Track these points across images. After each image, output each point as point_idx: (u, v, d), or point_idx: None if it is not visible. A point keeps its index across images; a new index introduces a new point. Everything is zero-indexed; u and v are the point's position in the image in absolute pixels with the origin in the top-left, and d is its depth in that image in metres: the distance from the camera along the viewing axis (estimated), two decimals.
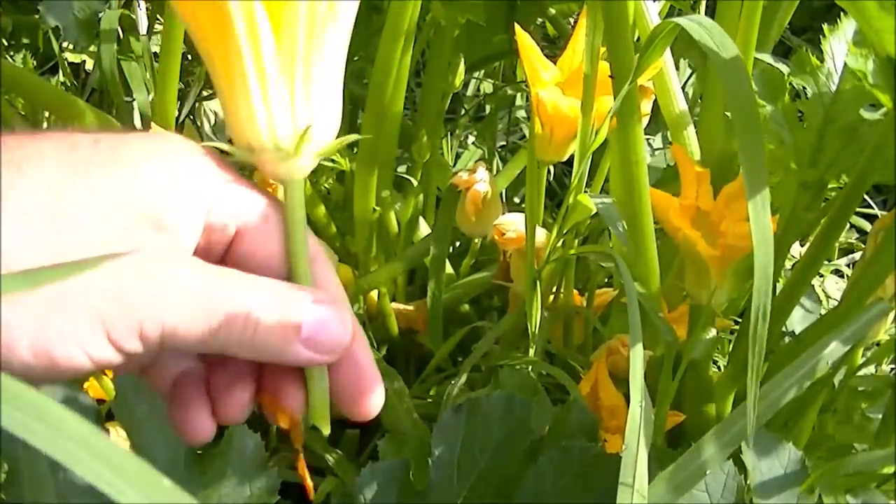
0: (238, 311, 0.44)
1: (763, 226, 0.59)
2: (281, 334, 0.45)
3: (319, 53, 0.45)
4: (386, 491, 0.71)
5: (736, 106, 0.63)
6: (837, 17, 0.78)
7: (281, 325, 0.45)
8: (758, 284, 0.58)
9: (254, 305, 0.44)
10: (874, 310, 0.71)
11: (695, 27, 0.65)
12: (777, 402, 0.65)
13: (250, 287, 0.45)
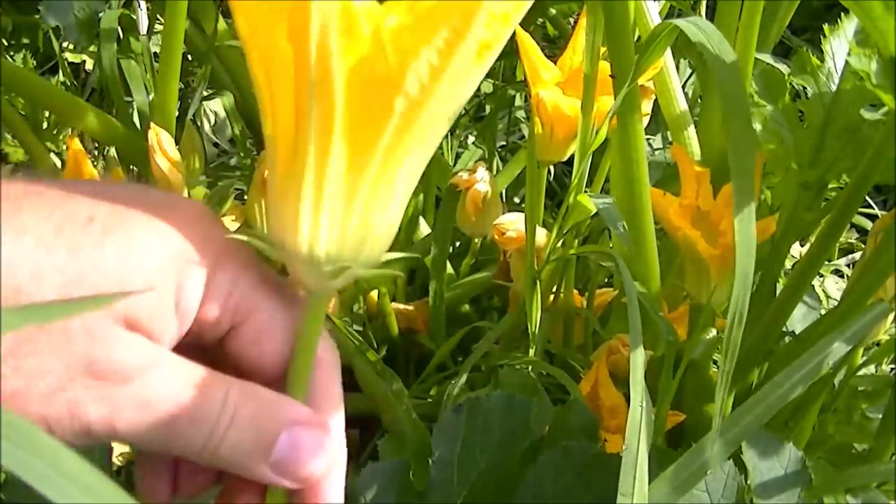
0: (204, 420, 0.41)
1: (747, 229, 0.59)
2: (248, 451, 0.42)
3: (391, 178, 0.40)
4: (386, 491, 0.71)
5: (730, 108, 0.63)
6: (837, 17, 0.78)
7: (251, 441, 0.42)
8: (737, 288, 0.59)
9: (223, 418, 0.41)
10: (874, 310, 0.71)
11: (692, 29, 0.65)
12: (777, 402, 0.65)
13: (221, 397, 0.42)
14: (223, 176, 1.30)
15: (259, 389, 0.43)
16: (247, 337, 0.44)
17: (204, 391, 0.41)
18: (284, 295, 0.45)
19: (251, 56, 0.40)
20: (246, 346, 0.44)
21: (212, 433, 0.41)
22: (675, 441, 0.86)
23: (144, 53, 1.25)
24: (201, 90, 1.21)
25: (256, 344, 0.44)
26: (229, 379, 0.43)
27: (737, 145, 0.62)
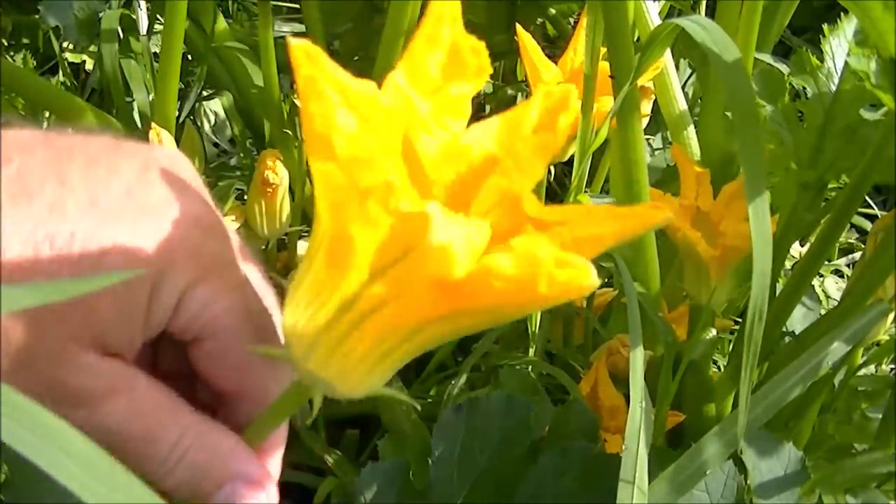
0: (150, 460, 0.42)
1: (763, 227, 0.59)
2: (189, 493, 0.43)
3: (396, 349, 0.41)
4: (386, 491, 0.71)
5: (736, 106, 0.63)
6: (837, 17, 0.78)
7: (193, 486, 0.43)
8: (756, 286, 0.59)
9: (170, 460, 0.42)
10: (874, 310, 0.71)
11: (695, 28, 0.65)
12: (777, 402, 0.65)
13: (173, 440, 0.42)
14: (223, 176, 1.30)
15: (213, 437, 0.44)
16: (206, 352, 0.44)
17: (157, 432, 0.42)
18: (257, 326, 0.45)
19: (324, 197, 0.38)
20: (203, 360, 0.45)
21: (156, 471, 0.42)
22: (675, 441, 0.86)
23: (144, 53, 1.25)
24: (198, 90, 1.21)
25: (213, 362, 0.44)
26: (187, 421, 0.43)
27: (745, 143, 0.62)
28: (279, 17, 1.51)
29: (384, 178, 0.35)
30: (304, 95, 0.35)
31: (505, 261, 0.35)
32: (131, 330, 0.42)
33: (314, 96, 0.35)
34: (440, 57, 0.39)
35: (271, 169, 0.97)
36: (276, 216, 0.99)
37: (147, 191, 0.42)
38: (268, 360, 0.45)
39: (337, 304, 0.38)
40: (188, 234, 0.42)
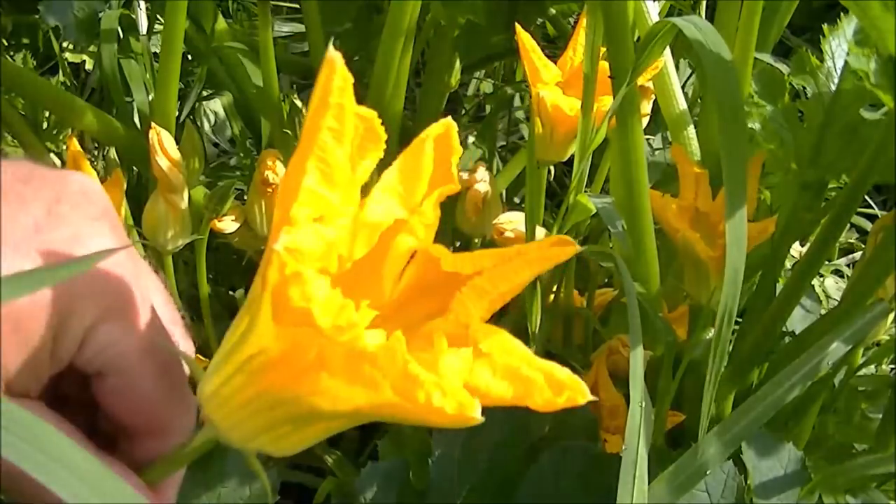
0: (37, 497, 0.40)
1: (738, 231, 0.59)
2: None
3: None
4: (386, 491, 0.71)
5: (723, 107, 0.64)
6: (837, 17, 0.78)
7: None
8: (726, 289, 0.59)
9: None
10: (874, 310, 0.71)
11: (690, 27, 0.65)
12: (777, 402, 0.65)
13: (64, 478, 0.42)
14: (223, 176, 1.30)
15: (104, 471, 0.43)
16: (109, 387, 0.44)
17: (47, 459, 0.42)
18: (160, 363, 0.45)
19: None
20: (106, 394, 0.45)
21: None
22: (675, 441, 0.86)
23: (144, 53, 1.25)
24: (198, 90, 1.21)
25: (115, 397, 0.45)
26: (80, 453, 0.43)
27: (729, 144, 0.62)
28: (279, 17, 1.51)
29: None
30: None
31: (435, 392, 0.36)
32: (37, 371, 0.42)
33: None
34: (347, 149, 0.41)
35: (271, 169, 0.97)
36: None
37: (55, 228, 0.42)
38: (171, 398, 0.46)
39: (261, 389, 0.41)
40: (94, 273, 0.43)
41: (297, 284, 0.35)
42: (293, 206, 0.37)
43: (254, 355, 0.40)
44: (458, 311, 0.40)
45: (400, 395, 0.36)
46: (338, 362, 0.37)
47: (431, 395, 0.36)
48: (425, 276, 0.41)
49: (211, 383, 0.42)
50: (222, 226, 0.96)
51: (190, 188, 0.93)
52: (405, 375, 0.35)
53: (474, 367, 0.38)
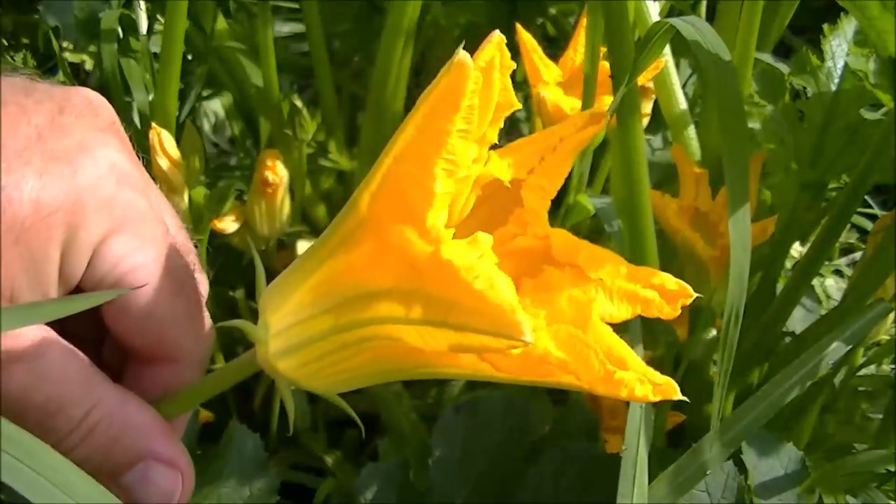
0: (53, 431, 0.39)
1: (742, 229, 0.59)
2: (97, 467, 0.40)
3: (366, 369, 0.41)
4: (386, 491, 0.71)
5: (724, 108, 0.64)
6: (837, 17, 0.78)
7: (101, 461, 0.41)
8: (732, 287, 0.59)
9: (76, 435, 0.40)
10: (874, 310, 0.71)
11: (688, 28, 0.65)
12: (777, 402, 0.65)
13: (79, 415, 0.40)
14: (223, 176, 1.30)
15: (131, 412, 0.41)
16: (121, 307, 0.42)
17: (62, 403, 0.39)
18: (175, 286, 0.43)
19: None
20: (117, 315, 0.42)
21: (62, 441, 0.40)
22: (675, 441, 0.86)
23: (144, 53, 1.25)
24: (198, 90, 1.21)
25: (128, 318, 0.42)
26: (100, 393, 0.41)
27: (732, 145, 0.62)
28: (279, 17, 1.51)
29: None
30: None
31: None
32: (44, 286, 0.39)
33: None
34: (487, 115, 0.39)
35: (271, 169, 0.97)
36: (276, 216, 0.99)
37: (59, 136, 0.40)
38: (186, 318, 0.43)
39: (350, 320, 0.38)
40: (101, 182, 0.40)
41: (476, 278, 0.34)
42: (429, 213, 0.36)
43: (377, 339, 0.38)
44: (532, 222, 0.39)
45: (601, 393, 0.36)
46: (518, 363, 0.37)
47: (634, 389, 0.36)
48: (487, 195, 0.40)
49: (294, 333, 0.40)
50: (222, 226, 0.96)
51: (190, 188, 0.93)
52: (608, 381, 0.36)
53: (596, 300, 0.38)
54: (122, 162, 0.42)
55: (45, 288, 0.39)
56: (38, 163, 0.38)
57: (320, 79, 1.08)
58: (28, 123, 0.39)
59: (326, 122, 1.06)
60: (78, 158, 0.40)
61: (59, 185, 0.39)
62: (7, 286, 0.38)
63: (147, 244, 0.42)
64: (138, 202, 0.42)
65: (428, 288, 0.35)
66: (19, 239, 0.38)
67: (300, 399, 0.92)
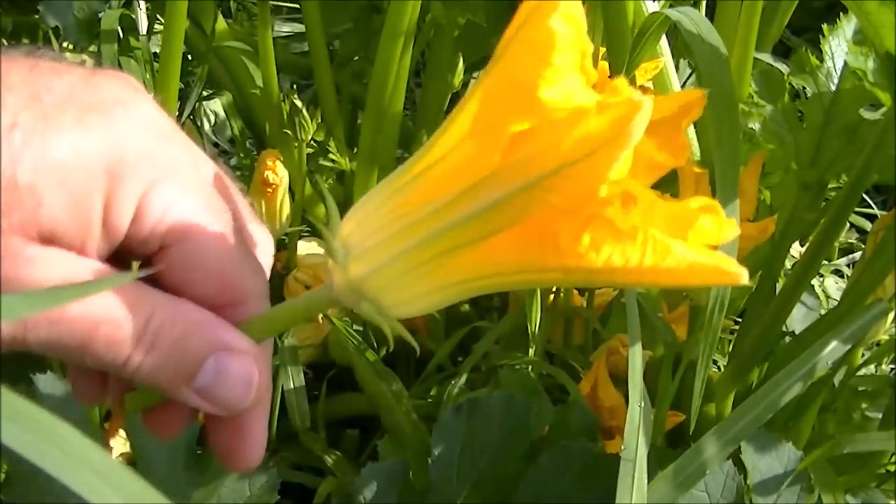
0: (120, 344, 0.38)
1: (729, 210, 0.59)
2: (170, 375, 0.40)
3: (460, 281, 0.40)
4: (386, 491, 0.71)
5: (715, 101, 0.64)
6: (837, 17, 0.78)
7: (173, 365, 0.40)
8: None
9: (143, 343, 0.39)
10: (874, 310, 0.71)
11: (682, 18, 0.65)
12: (777, 402, 0.65)
13: (142, 321, 0.39)
14: None
15: (189, 310, 0.41)
16: (176, 259, 0.41)
17: (123, 313, 0.39)
18: (226, 227, 0.42)
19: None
20: (173, 269, 0.41)
21: (130, 357, 0.39)
22: (675, 441, 0.86)
23: (144, 53, 1.25)
24: (198, 90, 1.21)
25: (184, 268, 0.41)
26: (154, 299, 0.40)
27: (720, 137, 0.62)
28: (279, 17, 1.51)
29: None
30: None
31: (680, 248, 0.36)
32: (84, 232, 0.39)
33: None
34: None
35: (271, 169, 0.97)
36: (276, 216, 0.99)
37: (93, 92, 0.40)
38: (242, 260, 0.43)
39: (438, 226, 0.37)
40: (140, 136, 0.40)
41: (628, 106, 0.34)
42: (540, 83, 0.34)
43: (462, 227, 0.37)
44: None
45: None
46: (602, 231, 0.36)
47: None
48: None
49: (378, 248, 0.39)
50: None
51: None
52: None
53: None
54: (157, 116, 0.42)
55: (85, 237, 0.39)
56: (75, 111, 0.38)
57: (320, 79, 1.08)
58: (61, 79, 0.39)
59: (326, 122, 1.06)
60: (115, 110, 0.40)
61: (98, 133, 0.38)
62: (48, 225, 0.38)
63: (193, 190, 0.41)
64: (178, 153, 0.42)
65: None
66: (63, 182, 0.37)
67: (300, 399, 0.92)
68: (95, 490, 0.27)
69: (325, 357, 1.03)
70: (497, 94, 0.36)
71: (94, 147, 0.38)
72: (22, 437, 0.26)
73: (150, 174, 0.40)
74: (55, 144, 0.37)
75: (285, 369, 0.91)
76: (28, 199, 0.37)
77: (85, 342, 0.38)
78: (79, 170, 0.38)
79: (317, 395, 0.99)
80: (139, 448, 0.72)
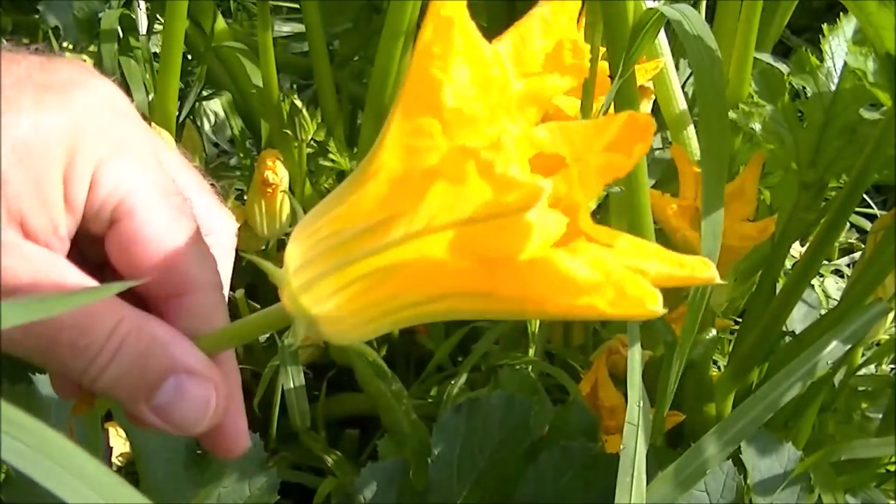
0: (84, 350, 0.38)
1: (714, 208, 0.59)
2: (129, 389, 0.40)
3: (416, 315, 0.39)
4: (386, 491, 0.71)
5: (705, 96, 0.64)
6: (837, 17, 0.78)
7: (133, 379, 0.39)
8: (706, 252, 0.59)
9: (106, 350, 0.39)
10: (874, 309, 0.71)
11: (676, 14, 0.65)
12: (777, 402, 0.65)
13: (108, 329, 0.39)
14: (223, 176, 1.30)
15: (155, 326, 0.41)
16: (124, 235, 0.41)
17: (90, 319, 0.39)
18: (175, 208, 0.42)
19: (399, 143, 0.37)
20: (122, 246, 0.41)
21: (91, 363, 0.39)
22: (675, 441, 0.86)
23: (144, 53, 1.25)
24: (198, 90, 1.21)
25: (131, 244, 0.41)
26: (122, 309, 0.40)
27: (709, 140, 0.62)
28: (279, 17, 1.51)
29: (492, 139, 0.34)
30: (432, 36, 0.34)
31: (574, 262, 0.34)
32: (50, 210, 0.39)
33: (442, 40, 0.34)
34: (547, 44, 0.38)
35: (271, 169, 0.97)
36: (276, 216, 0.99)
37: (50, 75, 0.40)
38: (188, 245, 0.42)
39: (367, 247, 0.37)
40: (96, 110, 0.41)
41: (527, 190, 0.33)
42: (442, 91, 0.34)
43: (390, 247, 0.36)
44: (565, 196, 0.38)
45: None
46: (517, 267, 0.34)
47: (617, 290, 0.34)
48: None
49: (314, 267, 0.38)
50: None
51: None
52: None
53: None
54: (115, 94, 0.42)
55: (52, 212, 0.40)
56: (31, 93, 0.39)
57: (320, 79, 1.08)
58: (18, 65, 0.40)
59: (326, 122, 1.06)
60: (71, 90, 0.40)
61: (55, 110, 0.39)
62: (16, 208, 0.38)
63: (145, 169, 0.42)
64: (133, 130, 0.42)
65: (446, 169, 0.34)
66: (22, 160, 0.38)
67: (300, 399, 0.92)
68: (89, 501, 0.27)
69: (325, 357, 1.03)
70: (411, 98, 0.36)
71: (52, 125, 0.39)
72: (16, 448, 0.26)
73: (104, 148, 0.40)
74: (14, 125, 0.38)
75: (285, 369, 0.91)
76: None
77: (48, 346, 0.38)
78: (38, 148, 0.38)
79: (317, 395, 0.99)
80: (139, 448, 0.72)
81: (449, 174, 0.35)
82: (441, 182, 0.35)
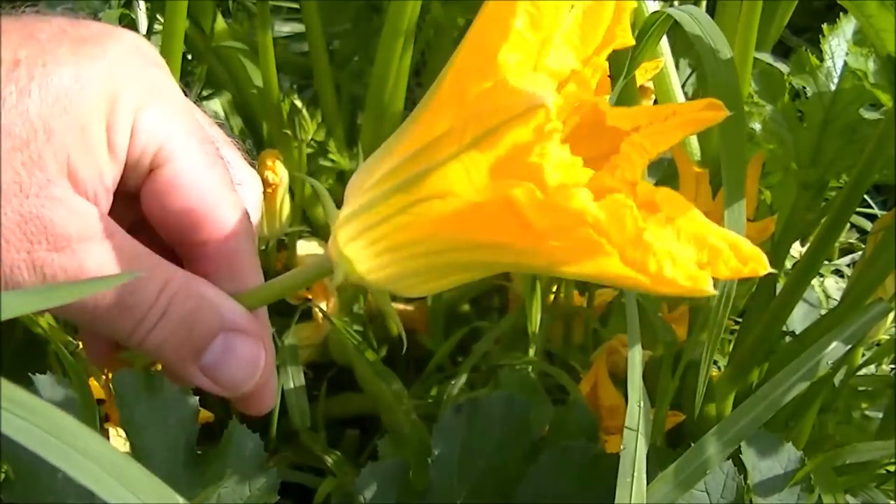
0: (133, 309, 0.39)
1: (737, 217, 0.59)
2: (177, 349, 0.40)
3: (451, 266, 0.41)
4: (386, 491, 0.71)
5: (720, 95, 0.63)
6: (837, 17, 0.78)
7: (181, 339, 0.40)
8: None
9: (154, 311, 0.39)
10: (874, 310, 0.71)
11: (685, 17, 0.65)
12: (777, 402, 0.65)
13: (156, 289, 0.39)
14: None
15: (202, 286, 0.41)
16: (160, 184, 0.42)
17: (139, 279, 0.39)
18: (210, 155, 0.43)
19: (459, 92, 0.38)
20: (156, 196, 0.42)
21: (140, 324, 0.39)
22: (675, 441, 0.86)
23: None
24: (198, 90, 1.21)
25: (167, 192, 0.42)
26: (171, 269, 0.40)
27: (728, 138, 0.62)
28: (279, 17, 1.51)
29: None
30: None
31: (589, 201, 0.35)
32: (95, 158, 0.40)
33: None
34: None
35: (271, 169, 0.97)
36: (276, 216, 0.99)
37: (81, 27, 0.42)
38: (223, 189, 0.43)
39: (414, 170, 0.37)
40: (129, 59, 0.42)
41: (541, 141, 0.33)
42: (502, 47, 0.35)
43: (430, 198, 0.37)
44: (623, 168, 0.38)
45: (628, 264, 0.34)
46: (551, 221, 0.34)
47: (663, 266, 0.34)
48: (583, 128, 0.40)
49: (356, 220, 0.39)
50: None
51: None
52: (636, 242, 0.33)
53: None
54: (145, 45, 0.44)
55: (97, 161, 0.40)
56: (69, 45, 0.40)
57: (320, 79, 1.08)
58: (50, 24, 0.41)
59: (326, 122, 1.06)
60: (105, 40, 0.42)
61: (93, 61, 0.40)
62: (63, 159, 0.39)
63: (180, 116, 0.43)
64: (164, 78, 0.43)
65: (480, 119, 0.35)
66: (66, 110, 0.39)
67: (300, 399, 0.92)
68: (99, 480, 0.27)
69: (325, 357, 1.03)
70: (464, 64, 0.37)
71: (92, 74, 0.40)
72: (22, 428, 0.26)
73: (141, 96, 0.41)
74: (56, 76, 0.39)
75: (285, 369, 0.91)
76: (41, 131, 0.38)
77: (96, 304, 0.39)
78: (80, 98, 0.39)
79: (317, 395, 0.99)
80: (139, 448, 0.72)
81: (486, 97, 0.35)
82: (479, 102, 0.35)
